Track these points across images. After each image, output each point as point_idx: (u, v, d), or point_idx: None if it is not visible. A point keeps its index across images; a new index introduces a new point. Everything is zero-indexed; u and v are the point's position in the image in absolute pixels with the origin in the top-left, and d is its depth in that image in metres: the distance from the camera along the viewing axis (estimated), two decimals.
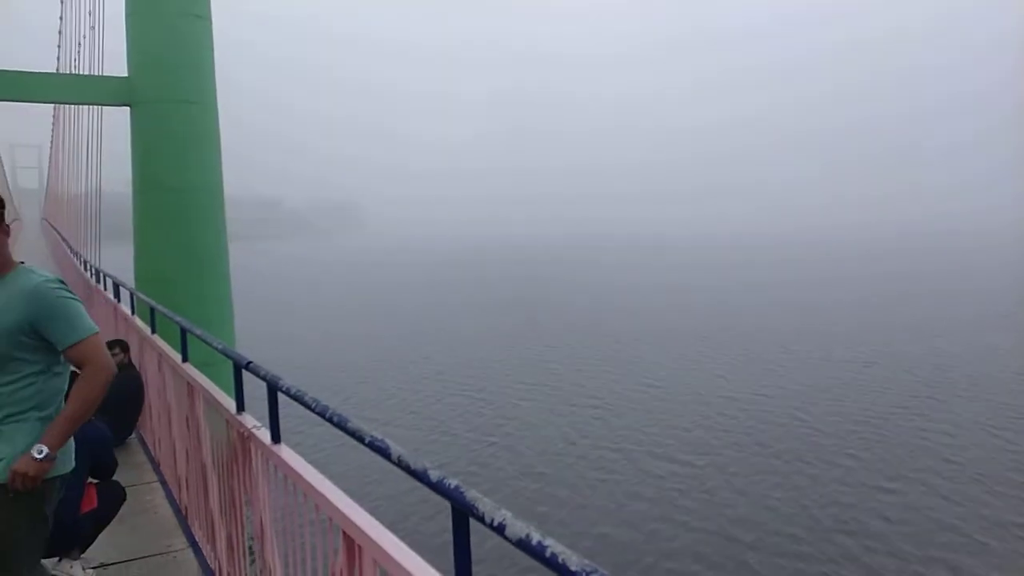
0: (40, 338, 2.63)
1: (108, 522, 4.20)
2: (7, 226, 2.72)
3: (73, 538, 3.99)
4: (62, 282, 2.72)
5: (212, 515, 4.09)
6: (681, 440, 15.57)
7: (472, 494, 1.64)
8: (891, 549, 10.83)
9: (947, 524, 11.61)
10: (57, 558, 3.95)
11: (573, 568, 1.29)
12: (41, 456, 2.52)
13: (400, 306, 37.21)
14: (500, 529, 1.50)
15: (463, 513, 1.68)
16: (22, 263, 2.82)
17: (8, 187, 58.90)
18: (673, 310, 34.29)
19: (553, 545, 1.37)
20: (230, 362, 3.64)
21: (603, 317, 32.73)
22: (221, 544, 3.94)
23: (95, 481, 4.14)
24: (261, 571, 3.29)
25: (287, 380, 2.98)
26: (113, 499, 4.21)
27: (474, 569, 1.72)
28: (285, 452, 2.98)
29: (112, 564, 4.27)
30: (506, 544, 1.55)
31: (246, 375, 3.50)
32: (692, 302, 37.36)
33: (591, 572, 1.26)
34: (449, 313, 34.44)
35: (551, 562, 1.35)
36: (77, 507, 3.93)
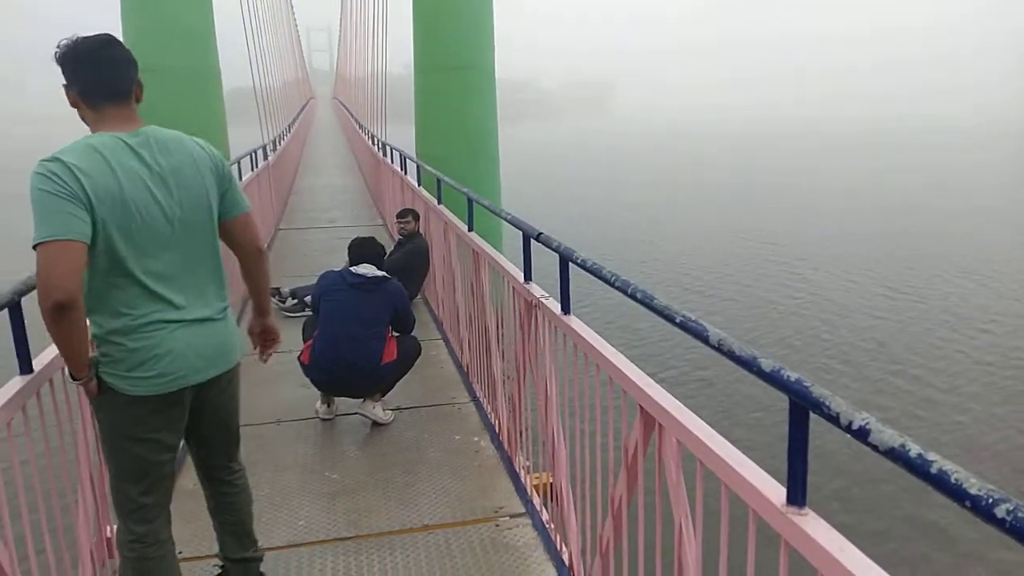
0: None
1: (406, 372, 4.63)
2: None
3: (377, 383, 4.45)
4: (58, 162, 1.96)
5: (494, 376, 4.32)
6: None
7: (819, 390, 1.45)
8: None
9: None
10: (362, 399, 4.45)
11: (974, 492, 1.06)
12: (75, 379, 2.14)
13: (670, 191, 35.44)
14: (862, 434, 1.29)
15: (804, 409, 1.50)
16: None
17: (306, 68, 65.74)
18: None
19: (940, 461, 1.15)
20: (506, 236, 3.70)
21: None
22: (502, 403, 4.17)
23: (396, 335, 4.55)
24: (543, 432, 3.40)
25: (580, 253, 2.93)
26: (411, 352, 4.61)
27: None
28: (575, 323, 2.96)
29: (406, 408, 4.74)
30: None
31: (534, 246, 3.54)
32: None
33: (999, 500, 1.03)
34: (726, 199, 31.97)
35: (939, 481, 1.13)
36: (380, 357, 4.36)
